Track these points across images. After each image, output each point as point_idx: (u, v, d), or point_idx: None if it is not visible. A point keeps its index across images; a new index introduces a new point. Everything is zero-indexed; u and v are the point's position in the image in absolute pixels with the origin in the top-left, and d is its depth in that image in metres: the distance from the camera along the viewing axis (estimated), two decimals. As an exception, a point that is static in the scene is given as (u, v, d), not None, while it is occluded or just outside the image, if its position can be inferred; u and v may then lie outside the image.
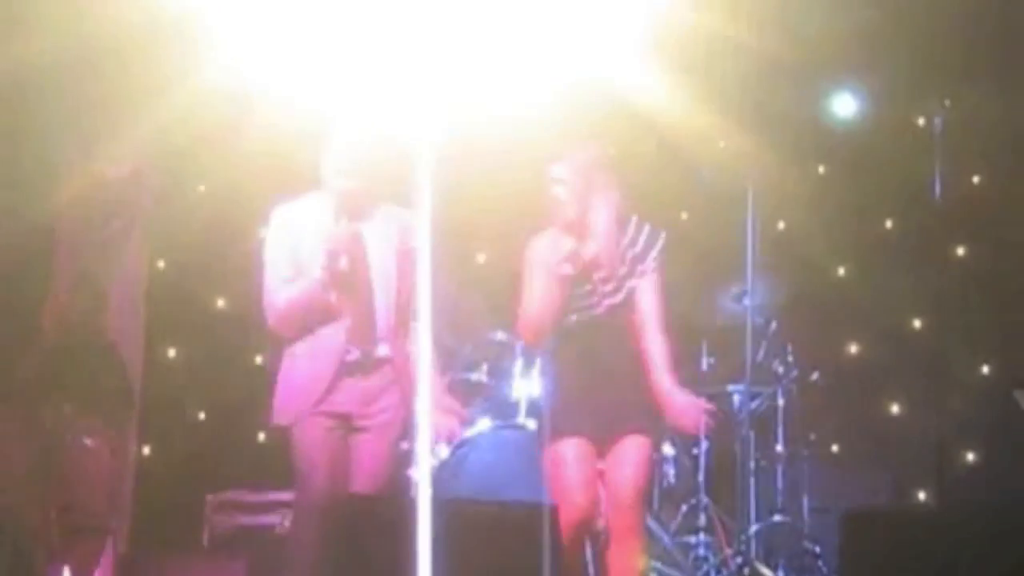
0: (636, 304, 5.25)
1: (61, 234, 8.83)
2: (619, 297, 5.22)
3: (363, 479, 5.21)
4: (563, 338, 5.27)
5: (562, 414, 5.25)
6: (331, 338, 5.17)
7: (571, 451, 5.19)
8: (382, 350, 5.22)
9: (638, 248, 5.25)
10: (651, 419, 5.31)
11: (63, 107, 7.77)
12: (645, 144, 8.43)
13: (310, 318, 5.17)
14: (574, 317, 5.23)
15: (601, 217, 5.22)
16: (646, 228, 5.29)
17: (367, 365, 5.21)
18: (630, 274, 5.22)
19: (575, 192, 5.21)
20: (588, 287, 5.22)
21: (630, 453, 5.19)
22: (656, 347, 5.25)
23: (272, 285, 5.24)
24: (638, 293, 5.23)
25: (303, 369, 5.22)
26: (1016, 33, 8.01)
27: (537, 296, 5.22)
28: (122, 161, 8.85)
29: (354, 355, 5.20)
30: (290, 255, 5.21)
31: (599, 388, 5.17)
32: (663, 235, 5.30)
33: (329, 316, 5.16)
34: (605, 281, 5.21)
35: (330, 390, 5.17)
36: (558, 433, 5.23)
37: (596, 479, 5.22)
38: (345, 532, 4.03)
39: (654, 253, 5.26)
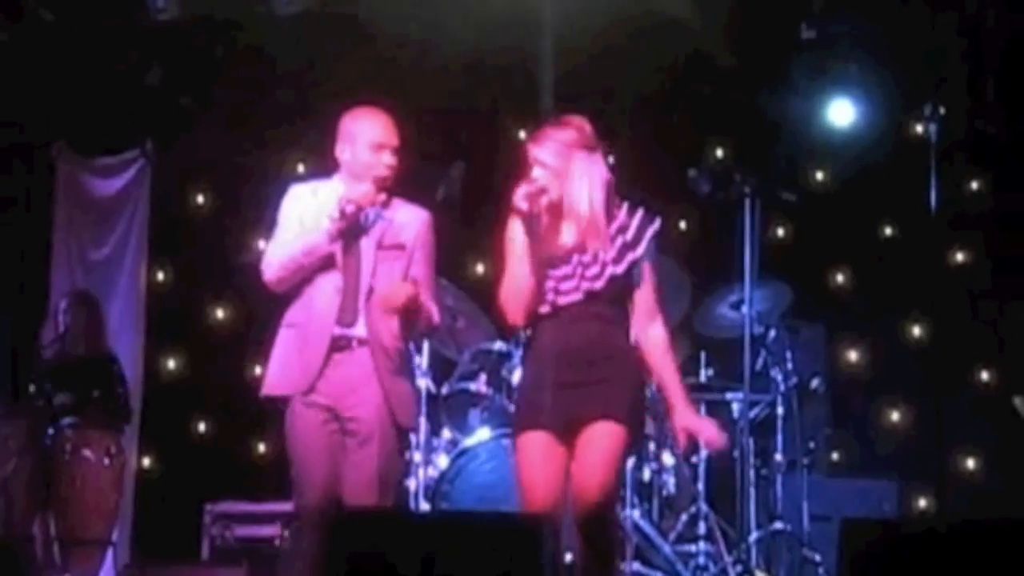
0: (626, 293, 4.93)
1: (59, 249, 8.86)
2: (599, 284, 4.86)
3: (360, 489, 5.16)
4: (539, 326, 4.94)
5: (528, 407, 4.91)
6: (325, 314, 5.20)
7: (530, 447, 4.83)
8: (360, 329, 5.22)
9: (629, 235, 4.92)
10: (627, 410, 4.83)
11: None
12: (642, 151, 8.46)
13: (309, 267, 5.23)
14: (551, 303, 4.89)
15: (583, 200, 4.87)
16: (639, 213, 4.96)
17: (348, 341, 5.22)
18: (618, 260, 4.89)
19: (555, 174, 4.88)
20: (568, 270, 4.88)
21: (594, 441, 4.76)
22: (654, 340, 4.93)
23: (273, 245, 5.34)
24: (629, 281, 4.91)
25: (299, 339, 5.25)
26: (1011, 39, 8.04)
27: (509, 268, 4.91)
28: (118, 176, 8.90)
29: (338, 331, 5.22)
30: (297, 225, 5.30)
31: (569, 377, 4.80)
32: (658, 221, 4.99)
33: (328, 265, 5.22)
34: (588, 266, 4.87)
35: (323, 370, 5.18)
36: (522, 427, 4.90)
37: (560, 478, 4.81)
38: (344, 547, 4.01)
39: (646, 240, 4.93)
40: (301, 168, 8.87)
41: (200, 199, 9.08)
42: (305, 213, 5.31)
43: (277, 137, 8.74)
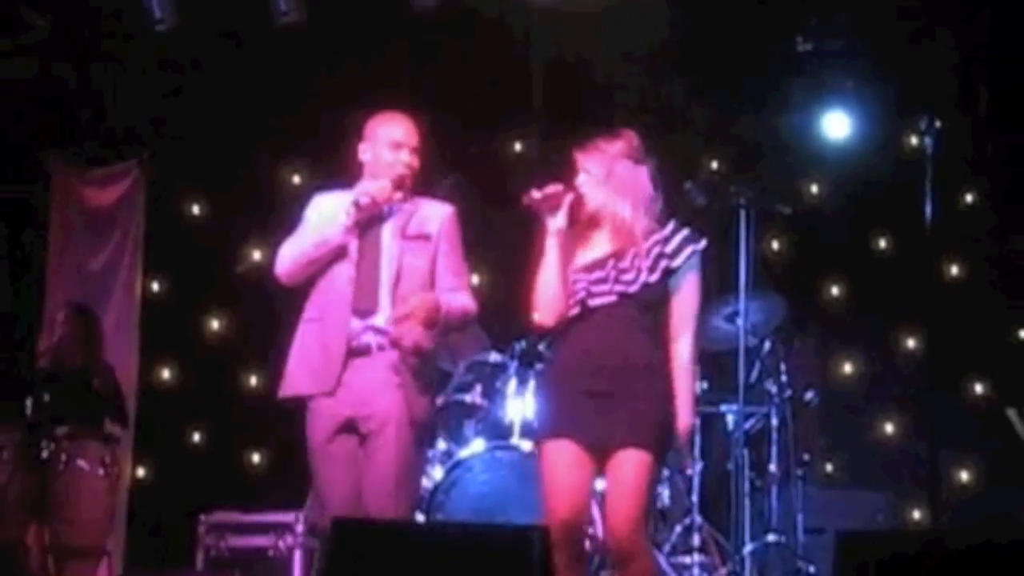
0: (661, 303, 4.90)
1: (55, 259, 8.86)
2: (634, 288, 4.85)
3: (378, 498, 5.13)
4: (568, 327, 4.92)
5: (554, 414, 4.91)
6: (341, 306, 5.24)
7: (557, 454, 4.81)
8: (380, 319, 5.23)
9: (669, 247, 4.91)
10: (656, 434, 4.81)
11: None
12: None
13: (320, 260, 5.29)
14: (581, 304, 4.88)
15: (623, 208, 4.90)
16: (683, 231, 4.97)
17: (367, 345, 5.22)
18: (653, 269, 4.88)
19: (598, 182, 4.92)
20: (602, 273, 4.89)
21: (624, 471, 4.74)
22: (676, 354, 4.91)
23: (287, 242, 5.41)
24: (664, 292, 4.90)
25: (319, 334, 5.27)
26: (1006, 52, 8.07)
27: (541, 270, 4.93)
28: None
29: (356, 323, 5.22)
30: (314, 228, 5.37)
31: (597, 386, 4.79)
32: (703, 241, 4.98)
33: (341, 256, 5.28)
34: (624, 271, 4.86)
35: (344, 366, 5.19)
36: (548, 435, 4.90)
37: (585, 488, 4.83)
38: (340, 559, 4.01)
39: (686, 254, 4.91)
40: (296, 179, 8.89)
41: (195, 209, 9.09)
42: (323, 215, 5.39)
43: (272, 147, 8.75)
